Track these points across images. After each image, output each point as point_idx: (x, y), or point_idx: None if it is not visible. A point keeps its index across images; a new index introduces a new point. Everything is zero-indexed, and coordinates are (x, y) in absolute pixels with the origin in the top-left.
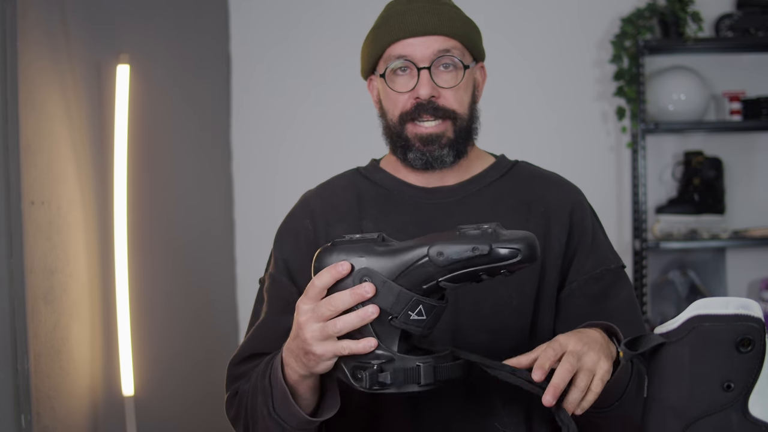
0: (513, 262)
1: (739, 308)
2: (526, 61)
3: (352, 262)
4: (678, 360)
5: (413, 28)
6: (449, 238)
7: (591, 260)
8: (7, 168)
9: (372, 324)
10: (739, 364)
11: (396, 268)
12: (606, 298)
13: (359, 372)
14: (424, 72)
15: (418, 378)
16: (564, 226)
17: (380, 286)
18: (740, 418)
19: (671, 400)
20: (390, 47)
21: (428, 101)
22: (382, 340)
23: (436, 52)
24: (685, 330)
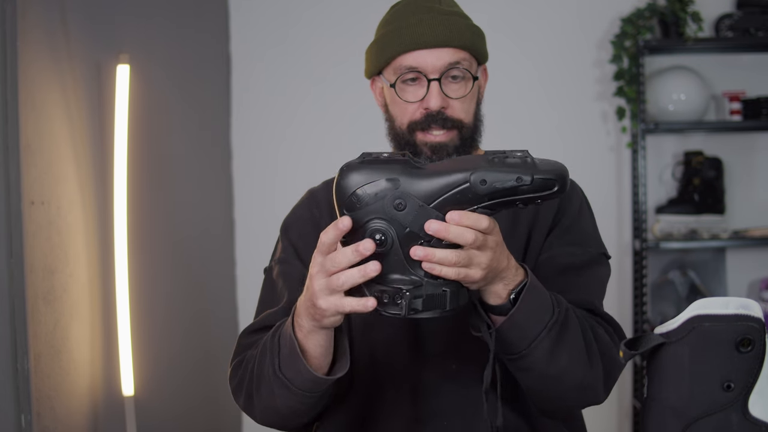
0: (550, 193)
1: (739, 308)
2: (526, 61)
3: (385, 182)
4: (678, 360)
5: (425, 40)
6: (490, 164)
7: (567, 238)
8: (7, 168)
9: (402, 248)
10: (739, 364)
11: (432, 193)
12: (576, 273)
13: (391, 297)
14: (434, 84)
15: (444, 303)
16: (552, 209)
17: (415, 209)
18: (740, 418)
19: (671, 400)
20: (400, 57)
21: (438, 112)
22: (410, 264)
23: (446, 64)
24: (685, 330)
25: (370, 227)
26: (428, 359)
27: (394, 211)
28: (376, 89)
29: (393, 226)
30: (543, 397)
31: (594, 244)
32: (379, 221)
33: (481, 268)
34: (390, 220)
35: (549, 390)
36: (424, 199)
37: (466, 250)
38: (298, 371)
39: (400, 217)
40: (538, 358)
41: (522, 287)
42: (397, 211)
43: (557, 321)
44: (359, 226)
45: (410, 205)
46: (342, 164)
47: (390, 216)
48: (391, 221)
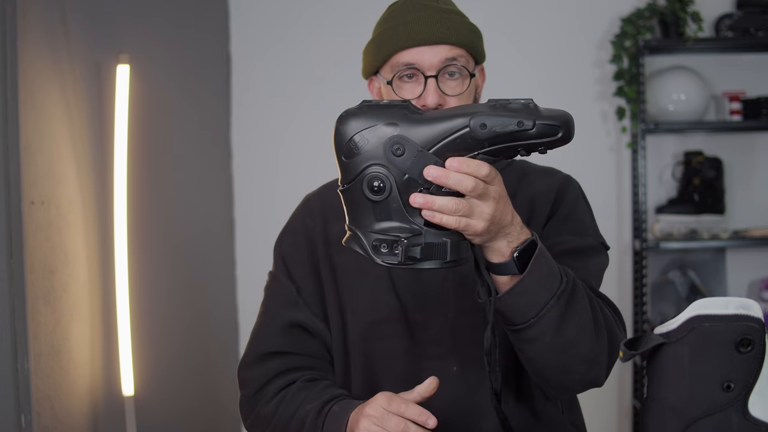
0: (553, 140)
1: (739, 308)
2: (526, 61)
3: (383, 126)
4: (678, 360)
5: (422, 37)
6: (491, 109)
7: (564, 228)
8: (7, 168)
9: (401, 195)
10: (739, 364)
11: (432, 138)
12: (574, 257)
13: (389, 246)
14: (431, 80)
15: (444, 254)
16: (549, 201)
17: (414, 154)
18: (740, 418)
19: (671, 400)
20: (397, 54)
21: (435, 109)
22: (409, 213)
23: (443, 60)
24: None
25: (368, 174)
26: (428, 361)
27: (392, 156)
28: (374, 89)
29: (392, 173)
30: (547, 372)
31: (592, 233)
32: (378, 167)
33: (483, 219)
34: (388, 166)
35: (555, 362)
36: (423, 145)
37: (467, 199)
38: None
39: (399, 163)
40: (546, 328)
41: (526, 247)
42: (395, 156)
43: (566, 289)
44: (357, 173)
45: (409, 150)
46: None
47: (388, 161)
48: (390, 167)
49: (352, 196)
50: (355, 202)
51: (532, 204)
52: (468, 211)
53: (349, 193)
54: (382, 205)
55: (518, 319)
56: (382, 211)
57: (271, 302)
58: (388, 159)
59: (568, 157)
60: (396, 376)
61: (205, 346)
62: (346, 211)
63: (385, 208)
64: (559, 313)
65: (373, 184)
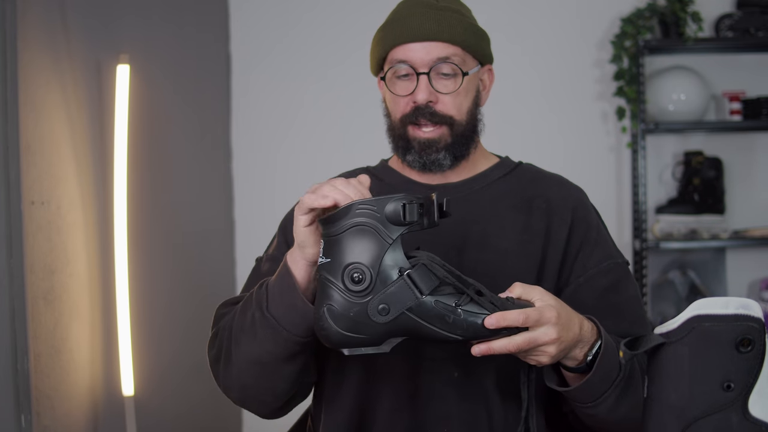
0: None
1: (739, 308)
2: (526, 61)
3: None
4: (678, 360)
5: (414, 33)
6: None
7: (597, 254)
8: (7, 168)
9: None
10: (739, 364)
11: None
12: (615, 291)
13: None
14: (422, 77)
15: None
16: (565, 221)
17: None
18: (740, 418)
19: (671, 400)
20: (392, 50)
21: (426, 106)
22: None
23: (435, 59)
24: (685, 330)
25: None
26: (429, 366)
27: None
28: (383, 87)
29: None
30: (596, 428)
31: (618, 254)
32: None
33: (546, 355)
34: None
35: (605, 427)
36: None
37: (525, 342)
38: (292, 305)
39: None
40: (601, 409)
41: (597, 348)
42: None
43: (623, 377)
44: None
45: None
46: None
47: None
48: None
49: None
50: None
51: (549, 211)
52: (526, 352)
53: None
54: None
55: (576, 401)
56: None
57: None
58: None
59: (568, 157)
60: (394, 376)
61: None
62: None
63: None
64: (615, 398)
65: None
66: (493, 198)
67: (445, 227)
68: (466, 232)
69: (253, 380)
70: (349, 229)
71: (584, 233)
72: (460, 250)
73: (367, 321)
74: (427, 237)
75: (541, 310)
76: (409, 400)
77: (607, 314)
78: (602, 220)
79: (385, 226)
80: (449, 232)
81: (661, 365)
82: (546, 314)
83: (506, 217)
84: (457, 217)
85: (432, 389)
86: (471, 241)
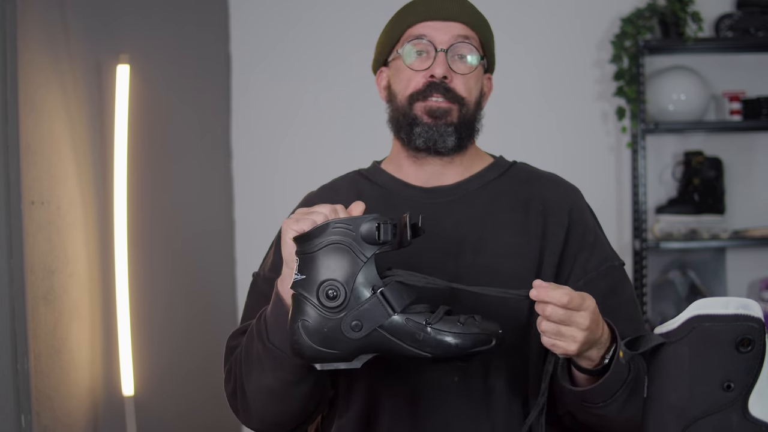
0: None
1: (739, 308)
2: (526, 61)
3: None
4: (678, 360)
5: (436, 11)
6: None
7: (595, 257)
8: (7, 168)
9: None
10: (739, 364)
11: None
12: (614, 295)
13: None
14: (441, 54)
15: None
16: (562, 224)
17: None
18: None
19: (671, 400)
20: (411, 28)
21: (441, 81)
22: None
23: (455, 36)
24: (685, 330)
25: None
26: (429, 371)
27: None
28: (382, 80)
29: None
30: (597, 428)
31: (614, 256)
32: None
33: (573, 341)
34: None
35: (608, 427)
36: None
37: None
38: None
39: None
40: (611, 410)
41: (614, 350)
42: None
43: (633, 377)
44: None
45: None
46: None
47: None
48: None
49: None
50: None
51: (545, 213)
52: (556, 333)
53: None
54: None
55: (588, 402)
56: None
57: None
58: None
59: (568, 157)
60: (395, 383)
61: (205, 347)
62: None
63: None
64: (625, 398)
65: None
66: (488, 199)
67: (442, 231)
68: (463, 235)
69: (269, 408)
70: (325, 246)
71: (581, 236)
72: (456, 253)
73: (340, 337)
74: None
75: (584, 296)
76: (410, 406)
77: (606, 317)
78: (597, 219)
79: (359, 244)
80: (446, 235)
81: (661, 365)
82: (587, 301)
83: (502, 218)
84: (454, 220)
85: (432, 394)
86: (468, 245)
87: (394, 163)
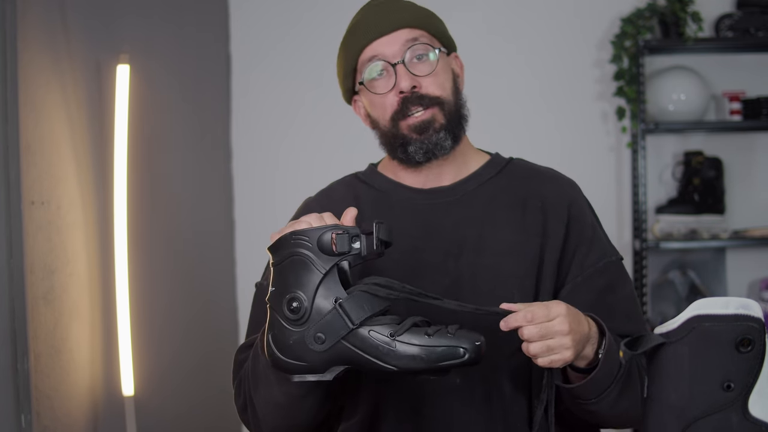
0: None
1: (739, 308)
2: (526, 61)
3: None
4: (678, 360)
5: (376, 29)
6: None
7: (594, 253)
8: (7, 168)
9: None
10: (739, 364)
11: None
12: (612, 291)
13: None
14: (399, 66)
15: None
16: (561, 219)
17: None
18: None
19: (671, 400)
20: (361, 55)
21: (411, 92)
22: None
23: (404, 42)
24: (685, 330)
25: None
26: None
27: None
28: (360, 109)
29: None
30: (599, 425)
31: (613, 251)
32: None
33: (566, 349)
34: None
35: (608, 423)
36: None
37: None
38: None
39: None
40: (603, 406)
41: (604, 345)
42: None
43: (624, 373)
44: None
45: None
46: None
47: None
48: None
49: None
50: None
51: (544, 209)
52: (546, 350)
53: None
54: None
55: (580, 398)
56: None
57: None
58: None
59: (568, 157)
60: (399, 387)
61: (205, 346)
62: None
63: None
64: (616, 394)
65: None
66: (487, 198)
67: (442, 232)
68: (463, 235)
69: (279, 421)
70: (288, 259)
71: (580, 232)
72: (457, 254)
73: (305, 349)
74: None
75: (547, 304)
76: (414, 410)
77: (604, 313)
78: (595, 213)
79: (318, 256)
80: (446, 236)
81: (661, 365)
82: (555, 308)
83: (501, 217)
84: (453, 221)
85: (435, 397)
86: (468, 245)
87: (390, 166)
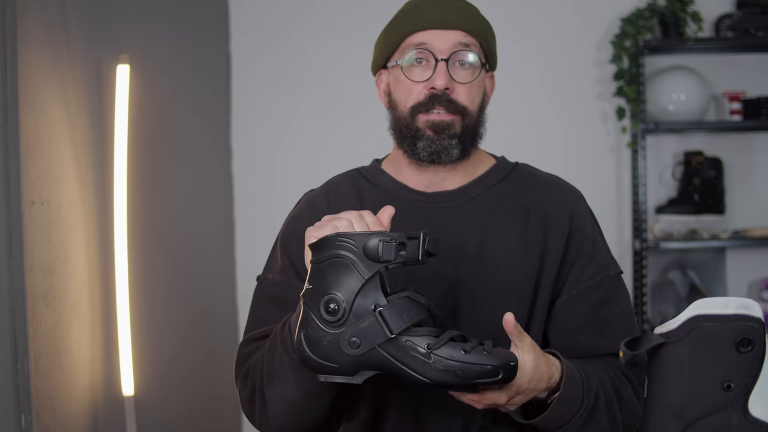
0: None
1: (739, 308)
2: (526, 61)
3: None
4: (678, 360)
5: (435, 20)
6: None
7: (591, 267)
8: (7, 168)
9: None
10: (739, 364)
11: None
12: (606, 306)
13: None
14: (441, 63)
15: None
16: (563, 231)
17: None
18: (740, 418)
19: (671, 400)
20: (410, 37)
21: (442, 93)
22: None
23: (455, 44)
24: (685, 330)
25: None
26: None
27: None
28: (381, 84)
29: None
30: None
31: (611, 264)
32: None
33: (513, 404)
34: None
35: None
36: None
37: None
38: None
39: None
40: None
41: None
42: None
43: (585, 410)
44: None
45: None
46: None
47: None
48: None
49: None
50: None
51: (546, 220)
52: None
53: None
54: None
55: (545, 428)
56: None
57: (284, 306)
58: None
59: (568, 157)
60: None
61: (205, 346)
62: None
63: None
64: (581, 423)
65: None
66: (490, 205)
67: (443, 237)
68: (464, 241)
69: (289, 419)
70: (330, 260)
71: (580, 244)
72: (457, 260)
73: (338, 351)
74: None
75: (515, 386)
76: (415, 414)
77: (596, 329)
78: (598, 225)
79: (362, 261)
80: (447, 241)
81: (661, 365)
82: (516, 398)
83: (504, 224)
84: (455, 227)
85: (436, 401)
86: (468, 251)
87: (395, 164)
